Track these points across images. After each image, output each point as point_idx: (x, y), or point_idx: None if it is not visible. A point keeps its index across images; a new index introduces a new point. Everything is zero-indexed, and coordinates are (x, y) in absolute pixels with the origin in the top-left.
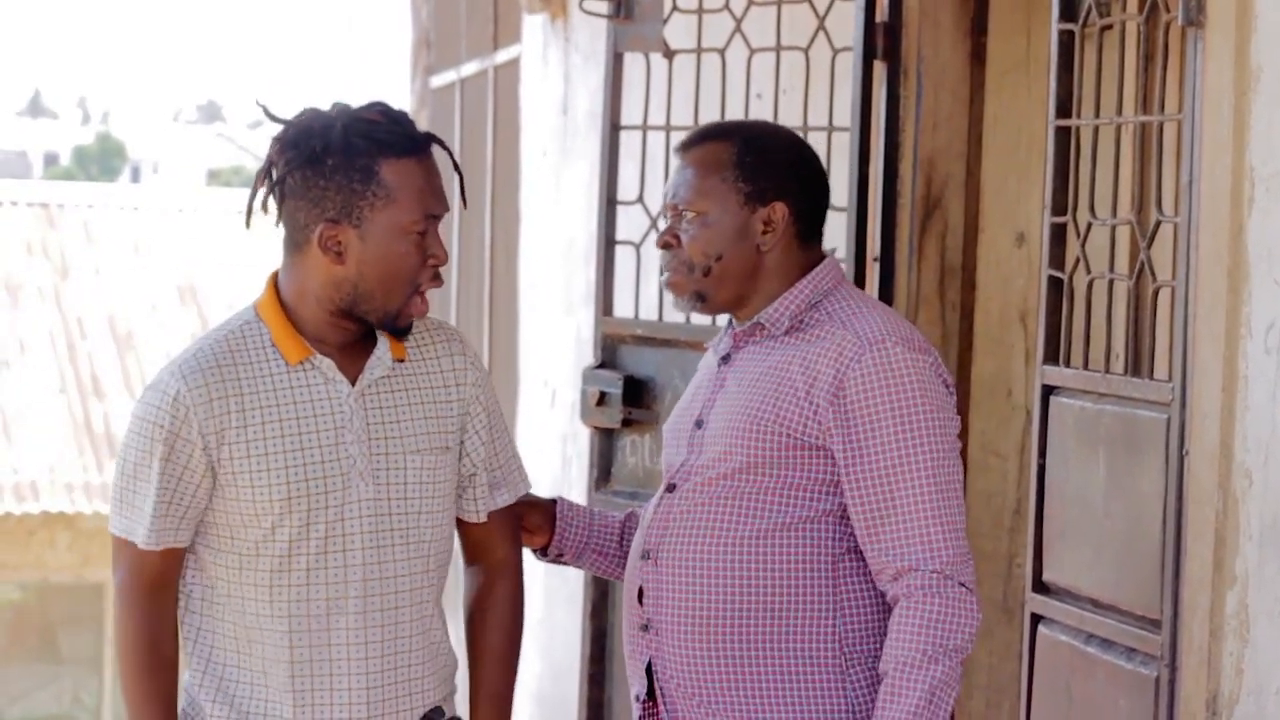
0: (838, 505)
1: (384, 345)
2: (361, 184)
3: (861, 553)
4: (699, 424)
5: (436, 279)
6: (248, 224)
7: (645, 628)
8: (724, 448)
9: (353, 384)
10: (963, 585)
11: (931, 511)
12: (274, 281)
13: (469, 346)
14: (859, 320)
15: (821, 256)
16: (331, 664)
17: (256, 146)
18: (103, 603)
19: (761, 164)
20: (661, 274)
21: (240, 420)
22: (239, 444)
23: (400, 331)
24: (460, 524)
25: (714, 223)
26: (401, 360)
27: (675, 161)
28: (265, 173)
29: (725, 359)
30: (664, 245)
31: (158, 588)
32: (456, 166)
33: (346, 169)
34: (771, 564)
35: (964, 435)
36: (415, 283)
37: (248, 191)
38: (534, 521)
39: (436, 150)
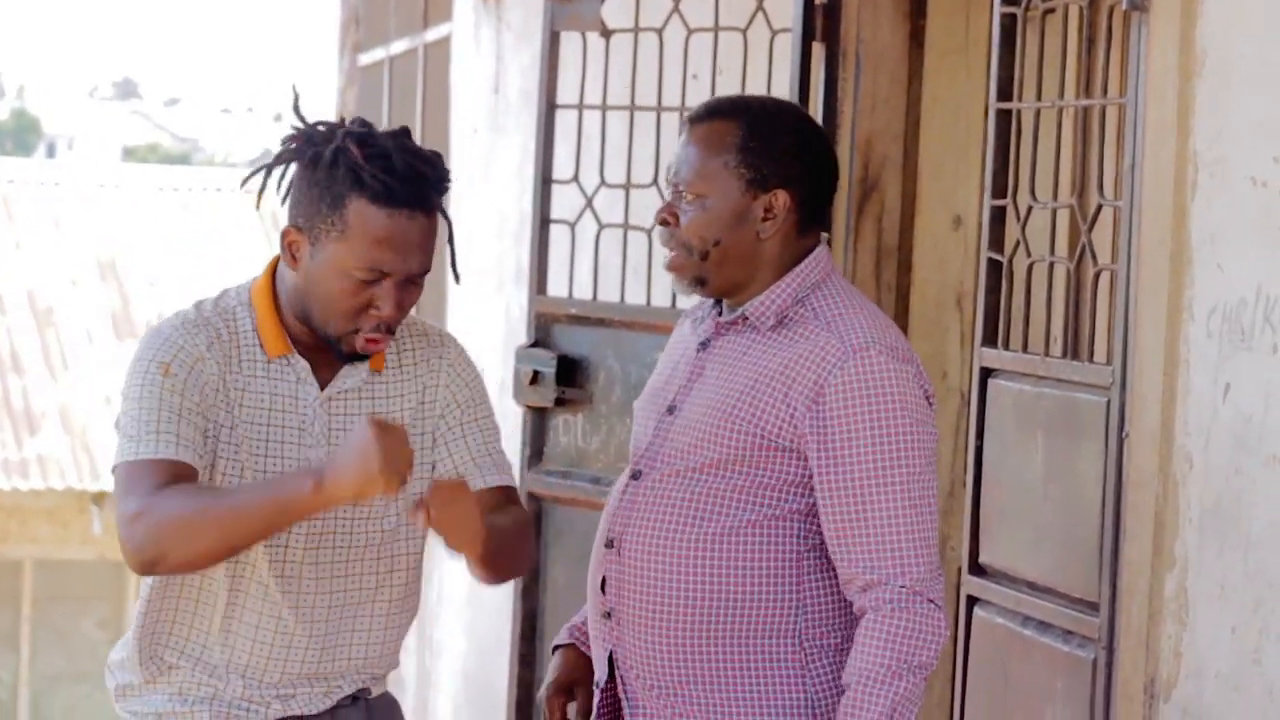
0: (806, 505)
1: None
2: (329, 209)
3: (825, 550)
4: (671, 409)
5: (381, 332)
6: (257, 205)
7: (607, 615)
8: (695, 440)
9: (324, 389)
10: (931, 601)
11: (904, 525)
12: (273, 268)
13: (453, 350)
14: (844, 323)
15: (816, 244)
16: (289, 654)
17: (172, 124)
18: (20, 580)
19: (767, 150)
20: (664, 253)
21: (226, 397)
22: (221, 415)
23: (345, 359)
24: None
25: (713, 207)
26: (379, 371)
27: (682, 134)
28: (268, 166)
29: (704, 345)
30: (662, 222)
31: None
32: (451, 238)
33: (324, 188)
34: (735, 560)
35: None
36: (355, 324)
37: (167, 169)
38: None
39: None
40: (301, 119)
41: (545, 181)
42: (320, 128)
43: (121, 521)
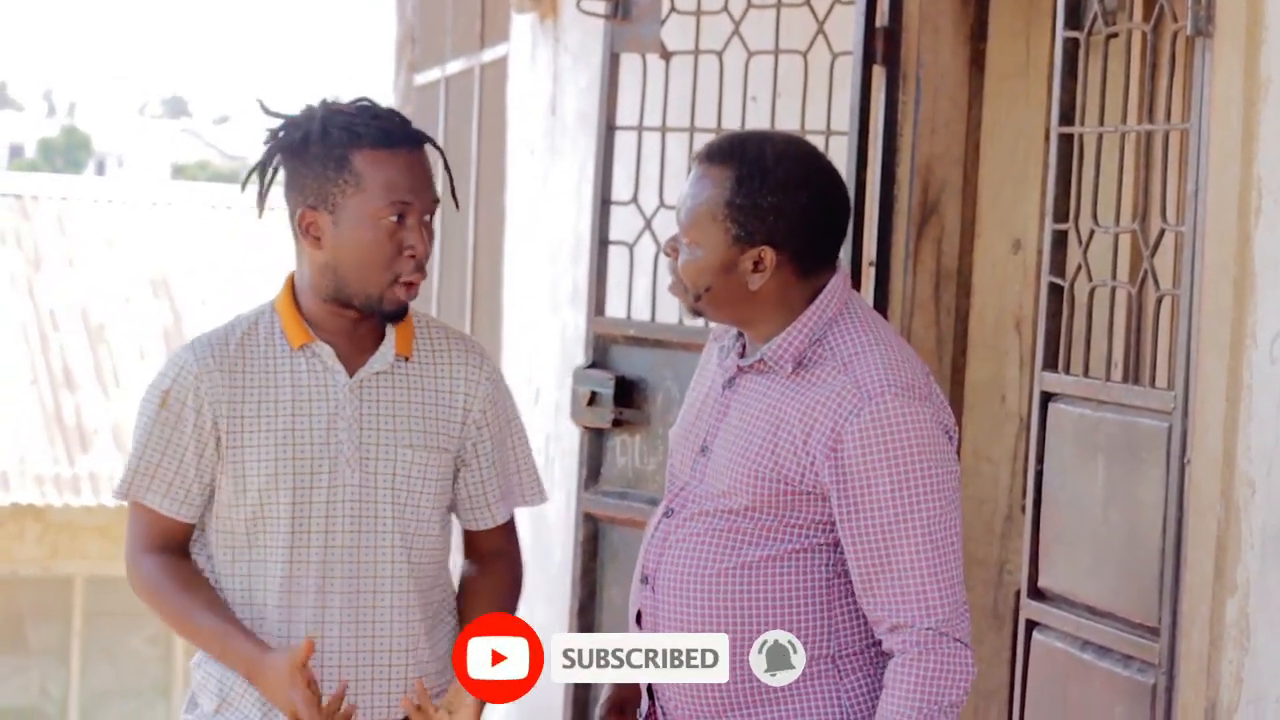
0: (832, 539)
1: (389, 342)
2: (335, 171)
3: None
4: (704, 449)
5: (418, 271)
6: (259, 213)
7: None
8: (726, 486)
9: (353, 375)
10: (958, 640)
11: (927, 568)
12: (290, 277)
13: (489, 362)
14: (860, 364)
15: (828, 278)
16: (323, 643)
17: (221, 142)
18: (70, 595)
19: (751, 207)
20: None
21: (240, 397)
22: (236, 419)
23: (389, 317)
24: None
25: (702, 256)
26: (406, 358)
27: (691, 170)
28: (260, 164)
29: (729, 383)
30: (666, 253)
31: (155, 549)
32: (446, 166)
33: (323, 157)
34: (765, 591)
35: (957, 442)
36: (393, 272)
37: (216, 186)
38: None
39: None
40: (273, 114)
41: (604, 202)
42: (297, 117)
43: (125, 553)
